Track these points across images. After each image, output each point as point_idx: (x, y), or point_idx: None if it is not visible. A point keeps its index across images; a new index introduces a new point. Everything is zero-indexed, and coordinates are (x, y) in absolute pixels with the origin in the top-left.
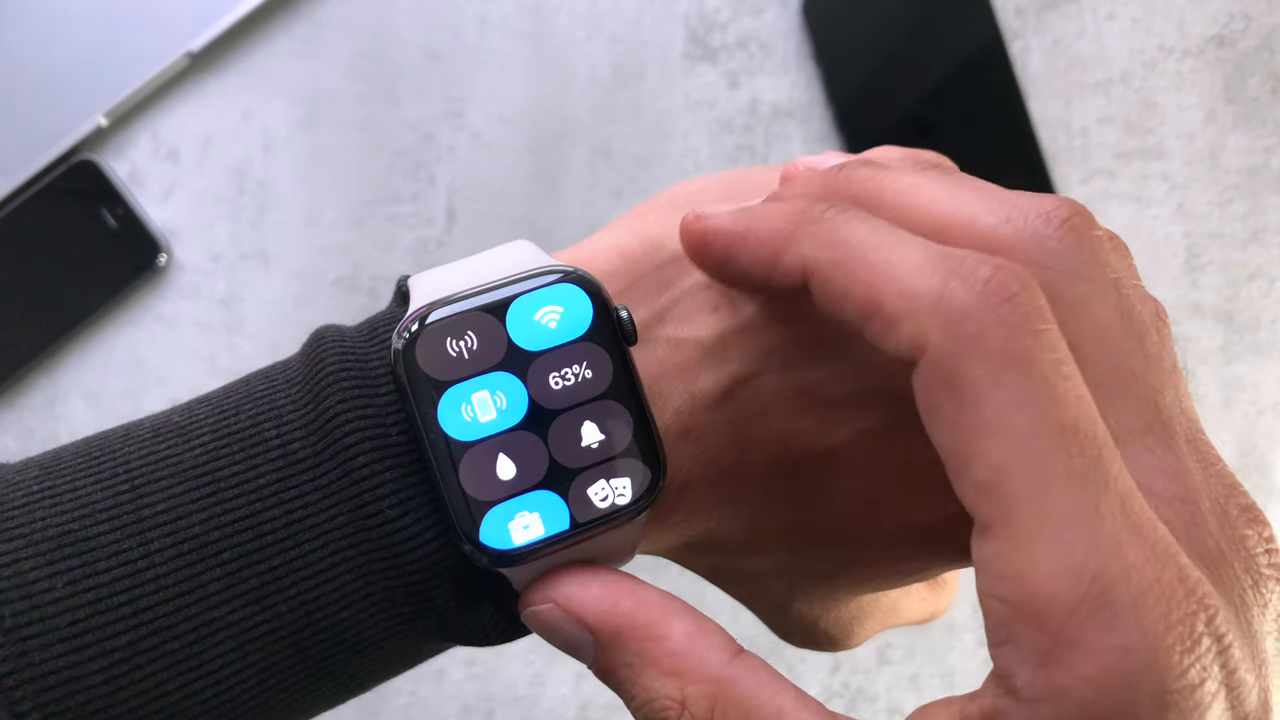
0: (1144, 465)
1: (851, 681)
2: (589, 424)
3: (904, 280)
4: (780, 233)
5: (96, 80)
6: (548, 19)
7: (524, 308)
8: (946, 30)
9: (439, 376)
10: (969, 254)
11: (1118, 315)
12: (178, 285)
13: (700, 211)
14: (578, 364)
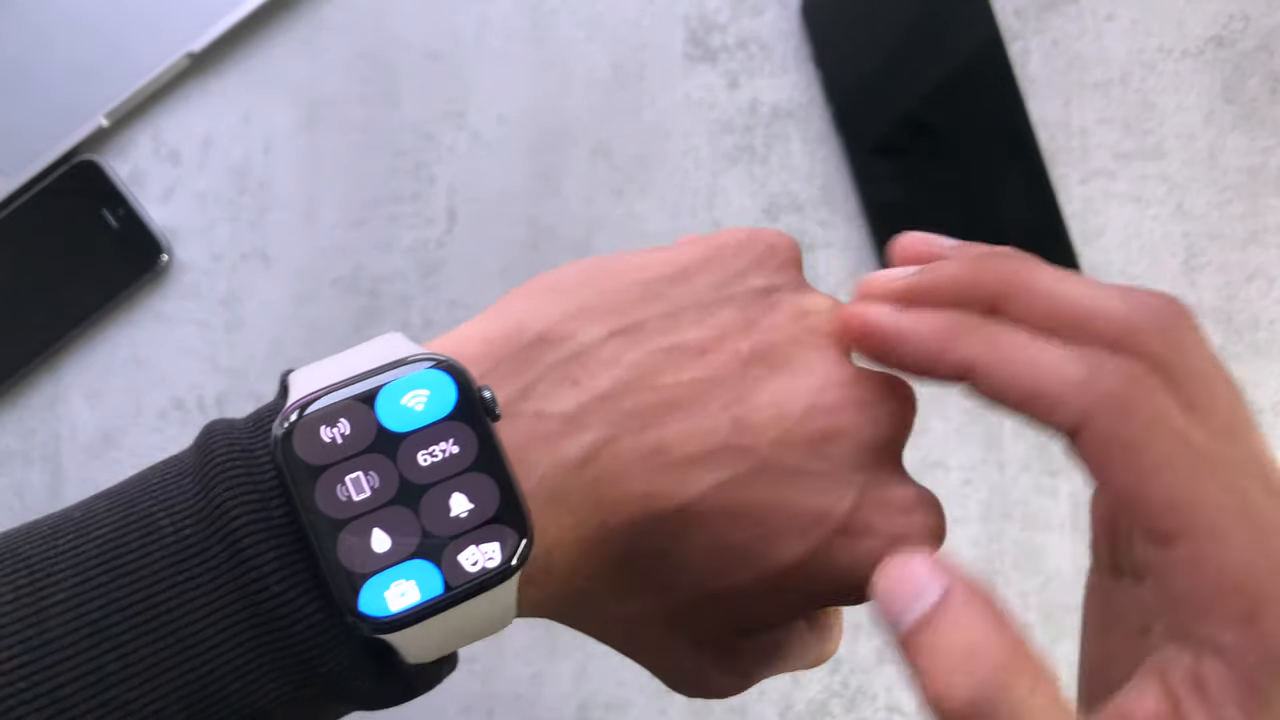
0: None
1: (851, 681)
2: (458, 495)
3: (1059, 373)
4: (942, 335)
5: (97, 81)
6: (547, 19)
7: (392, 394)
8: (946, 31)
9: (314, 461)
10: (1095, 350)
11: (1212, 366)
12: (179, 285)
13: (860, 308)
14: (445, 441)
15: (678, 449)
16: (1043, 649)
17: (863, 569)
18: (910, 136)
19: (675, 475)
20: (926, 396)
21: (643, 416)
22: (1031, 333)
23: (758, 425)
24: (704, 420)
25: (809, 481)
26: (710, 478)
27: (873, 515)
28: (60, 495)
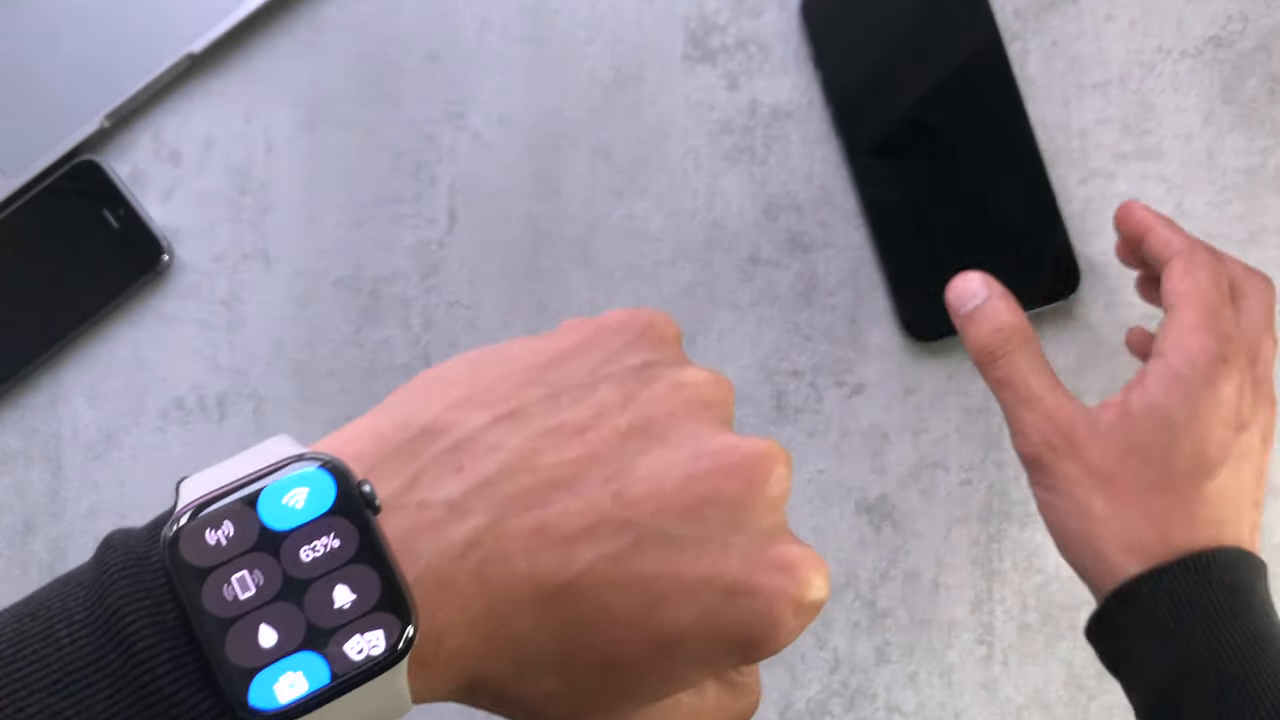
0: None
1: (851, 680)
2: (341, 587)
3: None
4: (1173, 245)
5: (98, 81)
6: (548, 21)
7: (273, 495)
8: (945, 32)
9: (200, 564)
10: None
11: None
12: (179, 285)
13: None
14: (326, 536)
15: (560, 527)
16: (1042, 649)
17: (752, 627)
18: (909, 137)
19: (559, 553)
20: (926, 398)
21: (525, 498)
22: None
23: (637, 497)
24: (585, 497)
25: (690, 548)
26: (593, 552)
27: (755, 575)
28: (61, 495)
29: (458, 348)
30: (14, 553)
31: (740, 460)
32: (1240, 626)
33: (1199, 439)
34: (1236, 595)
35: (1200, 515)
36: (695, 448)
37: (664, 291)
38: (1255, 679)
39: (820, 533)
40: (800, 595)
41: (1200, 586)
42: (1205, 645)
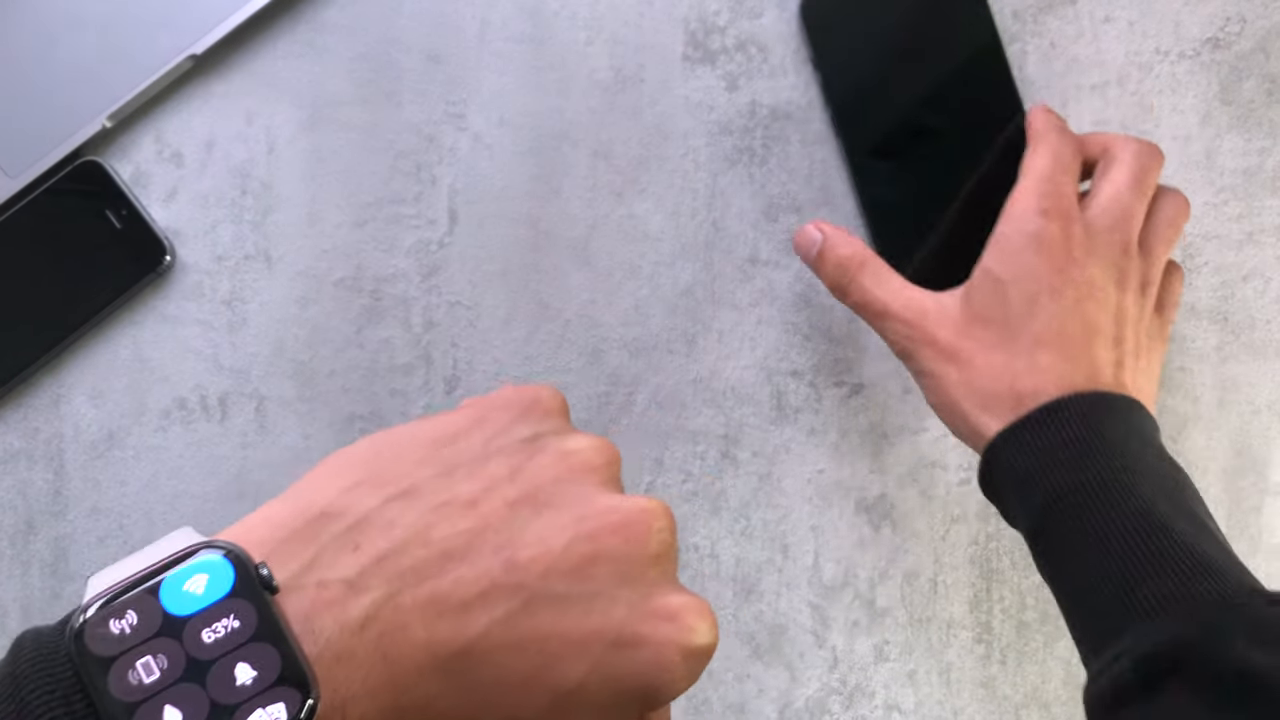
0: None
1: (850, 678)
2: (242, 664)
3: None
4: (1030, 129)
5: (100, 82)
6: (548, 22)
7: (174, 582)
8: (944, 32)
9: (105, 653)
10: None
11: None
12: (181, 286)
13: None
14: (226, 618)
15: (454, 595)
16: (1040, 648)
17: (644, 676)
18: (908, 138)
19: (454, 620)
20: (924, 397)
21: (419, 571)
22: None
23: (526, 561)
24: (477, 565)
25: (579, 605)
26: (486, 617)
27: (641, 626)
28: (63, 495)
29: (458, 348)
30: (16, 552)
31: (622, 519)
32: (1094, 460)
33: (1026, 288)
34: (1090, 432)
35: (1042, 362)
36: (580, 510)
37: (664, 291)
38: (1113, 497)
39: (819, 532)
40: (686, 641)
41: (1053, 431)
42: (1064, 480)
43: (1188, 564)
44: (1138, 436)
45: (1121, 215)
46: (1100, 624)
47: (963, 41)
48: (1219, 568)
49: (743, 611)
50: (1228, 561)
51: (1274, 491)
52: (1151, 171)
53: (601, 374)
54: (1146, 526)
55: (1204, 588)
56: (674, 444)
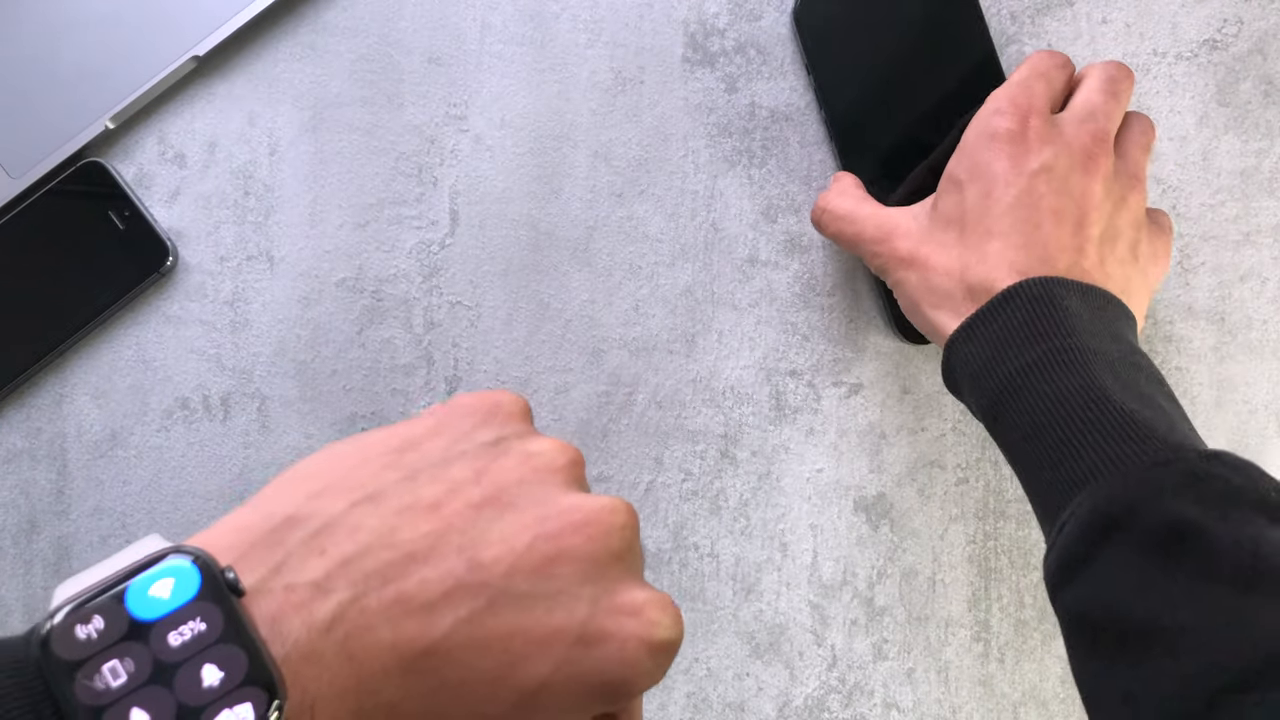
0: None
1: (849, 677)
2: (209, 666)
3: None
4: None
5: (103, 84)
6: (548, 24)
7: (140, 587)
8: (937, 35)
9: (71, 658)
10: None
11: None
12: (184, 286)
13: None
14: (192, 621)
15: (419, 596)
16: (1038, 646)
17: (608, 673)
18: (902, 142)
19: (419, 620)
20: (923, 397)
21: (384, 573)
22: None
23: (490, 560)
24: (440, 566)
25: (543, 603)
26: (451, 616)
27: (605, 622)
28: (66, 494)
29: (459, 348)
30: (19, 551)
31: (583, 517)
32: (1041, 342)
33: (981, 185)
34: (1039, 314)
35: (992, 251)
36: (542, 510)
37: (664, 292)
38: (1056, 373)
39: (818, 531)
40: (650, 636)
41: (1004, 318)
42: (1013, 363)
43: (1125, 429)
44: (1092, 320)
45: (1091, 111)
46: (1050, 498)
47: (956, 42)
48: (1156, 432)
49: (742, 610)
50: (1169, 427)
51: None
52: (1122, 82)
53: (601, 374)
54: (1086, 398)
55: (1140, 449)
56: (674, 443)
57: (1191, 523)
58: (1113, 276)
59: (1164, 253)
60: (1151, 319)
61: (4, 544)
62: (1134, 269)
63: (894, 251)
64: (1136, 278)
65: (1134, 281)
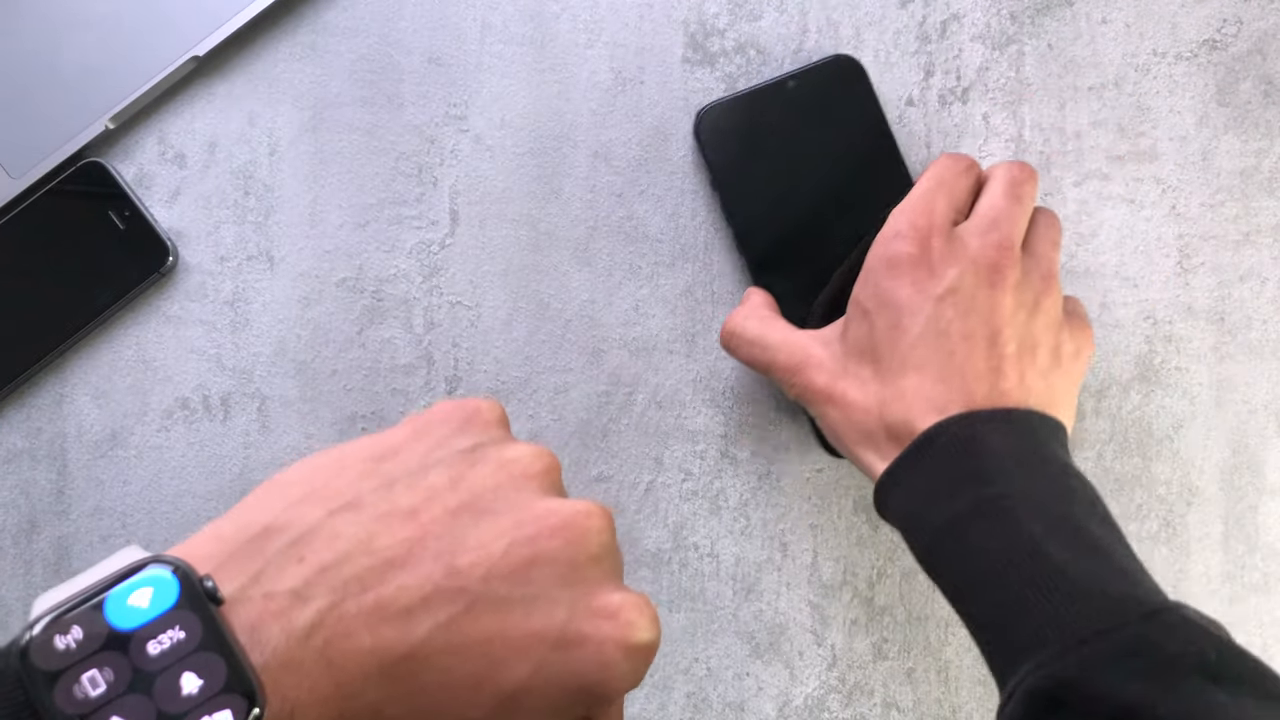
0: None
1: (849, 676)
2: (188, 674)
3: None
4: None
5: (103, 84)
6: (549, 24)
7: (118, 597)
8: (843, 146)
9: (50, 668)
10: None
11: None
12: (184, 286)
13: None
14: (171, 629)
15: (397, 602)
16: None
17: (586, 675)
18: (810, 247)
19: (397, 625)
20: None
21: (363, 579)
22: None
23: (466, 567)
24: (418, 572)
25: (521, 607)
26: (429, 621)
27: (583, 625)
28: (66, 494)
29: (459, 348)
30: (19, 551)
31: (560, 521)
32: (966, 490)
33: (888, 314)
34: (960, 460)
35: (908, 386)
36: (519, 515)
37: (664, 291)
38: (986, 525)
39: (818, 531)
40: (627, 638)
41: (926, 466)
42: (940, 516)
43: (1061, 589)
44: (1017, 452)
45: (994, 220)
46: (994, 661)
47: (861, 146)
48: (1094, 587)
49: (742, 610)
50: (1110, 576)
51: (1270, 491)
52: (1024, 184)
53: (601, 374)
54: (1019, 555)
55: (1079, 612)
56: (674, 443)
57: (1136, 705)
58: (1034, 390)
59: (1086, 343)
60: (1151, 319)
61: (4, 544)
62: (1057, 374)
63: (810, 384)
64: (1061, 381)
65: (1058, 387)
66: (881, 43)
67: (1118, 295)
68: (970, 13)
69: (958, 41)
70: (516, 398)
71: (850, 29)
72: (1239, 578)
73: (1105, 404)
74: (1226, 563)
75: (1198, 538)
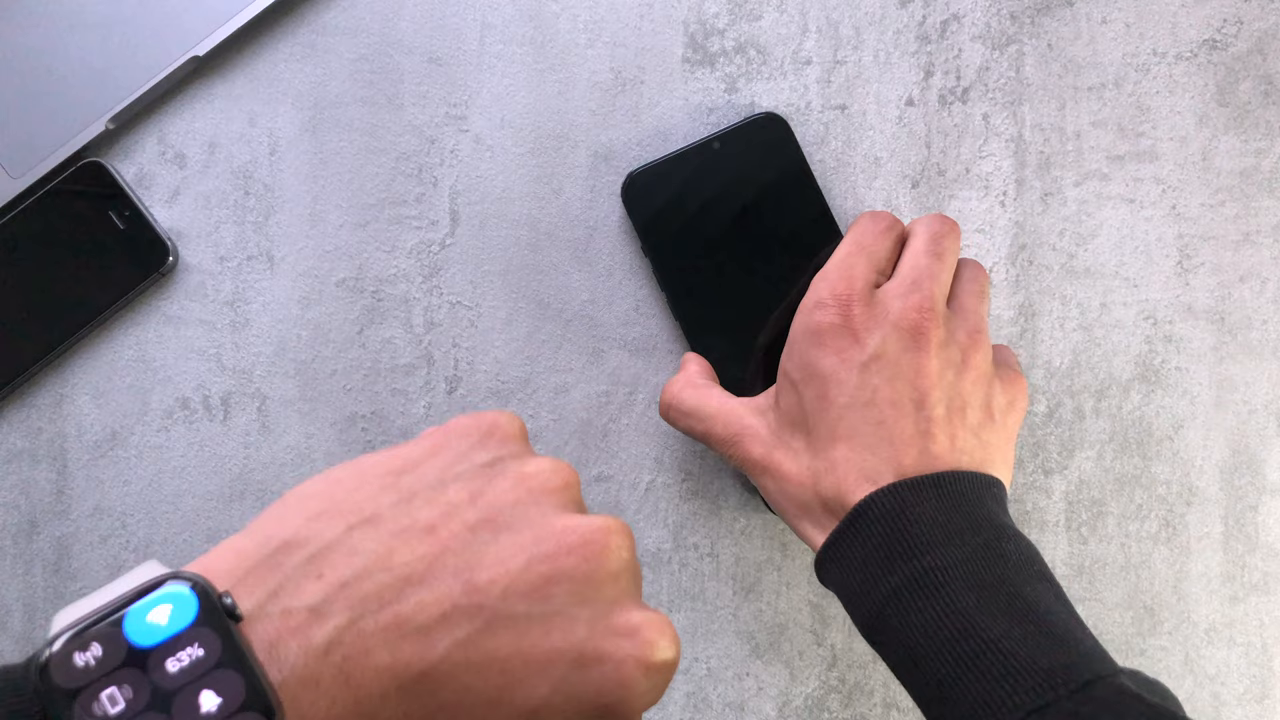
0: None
1: (849, 676)
2: (207, 692)
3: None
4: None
5: (103, 84)
6: (549, 24)
7: (138, 614)
8: (771, 204)
9: (69, 685)
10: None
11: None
12: (184, 286)
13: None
14: (190, 646)
15: (416, 618)
16: None
17: (606, 693)
18: (743, 305)
19: (416, 642)
20: None
21: (382, 596)
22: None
23: (485, 583)
24: (437, 588)
25: (539, 624)
26: (448, 638)
27: (602, 643)
28: (66, 494)
29: (460, 348)
30: (19, 551)
31: (579, 538)
32: (899, 566)
33: (815, 385)
34: (893, 532)
35: (838, 458)
36: (538, 531)
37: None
38: (919, 603)
39: None
40: (647, 657)
41: (860, 541)
42: (878, 593)
43: (995, 668)
44: (948, 520)
45: (915, 281)
46: None
47: (787, 203)
48: (1027, 663)
49: (742, 610)
50: (1043, 645)
51: (1270, 491)
52: (945, 239)
53: (601, 374)
54: (953, 632)
55: (1012, 690)
56: (674, 443)
57: None
58: (966, 450)
59: (1019, 395)
60: (1151, 319)
61: (4, 544)
62: (989, 429)
63: (746, 455)
64: (995, 437)
65: (993, 443)
66: (881, 43)
67: (1118, 295)
68: (970, 13)
69: (958, 41)
70: (516, 398)
71: (850, 29)
72: (1239, 578)
73: (1105, 404)
74: (1226, 563)
75: (1198, 538)
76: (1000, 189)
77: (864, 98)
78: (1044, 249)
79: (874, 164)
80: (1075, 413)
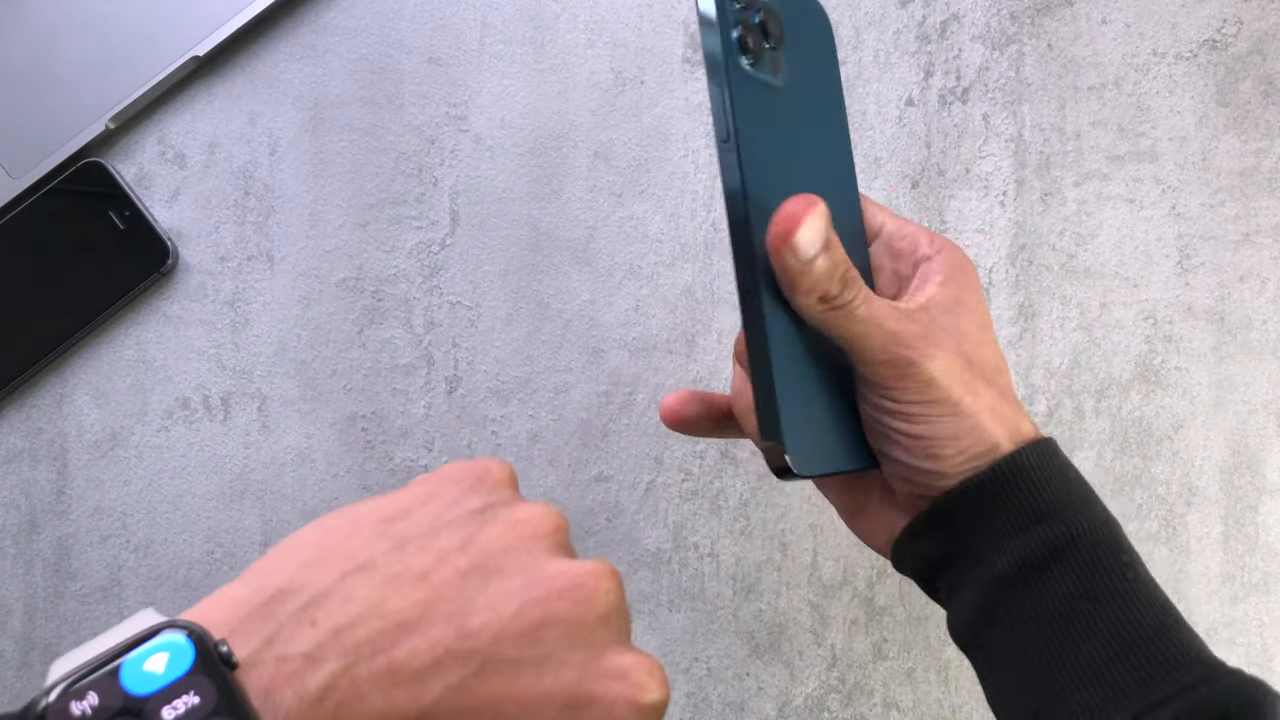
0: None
1: (849, 676)
2: None
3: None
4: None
5: (103, 84)
6: (549, 25)
7: (134, 663)
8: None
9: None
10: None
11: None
12: (184, 286)
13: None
14: (187, 694)
15: (409, 665)
16: None
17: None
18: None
19: (409, 689)
20: None
21: (374, 642)
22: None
23: (477, 628)
24: (429, 634)
25: (531, 668)
26: (441, 684)
27: (593, 685)
28: (66, 494)
29: (459, 348)
30: (19, 551)
31: (570, 582)
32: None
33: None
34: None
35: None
36: (529, 576)
37: (664, 291)
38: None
39: (818, 531)
40: (637, 699)
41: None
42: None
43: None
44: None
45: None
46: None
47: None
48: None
49: (742, 610)
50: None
51: (1270, 490)
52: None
53: (601, 374)
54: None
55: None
56: (674, 443)
57: None
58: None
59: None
60: (1151, 319)
61: (4, 544)
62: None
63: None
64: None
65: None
66: (881, 43)
67: (1118, 295)
68: (970, 13)
69: (958, 41)
70: (516, 398)
71: (850, 29)
72: (1239, 578)
73: (1105, 404)
74: (1226, 563)
75: (1198, 538)
76: (1000, 189)
77: (864, 98)
78: (1044, 249)
79: (874, 164)
80: (1075, 413)
